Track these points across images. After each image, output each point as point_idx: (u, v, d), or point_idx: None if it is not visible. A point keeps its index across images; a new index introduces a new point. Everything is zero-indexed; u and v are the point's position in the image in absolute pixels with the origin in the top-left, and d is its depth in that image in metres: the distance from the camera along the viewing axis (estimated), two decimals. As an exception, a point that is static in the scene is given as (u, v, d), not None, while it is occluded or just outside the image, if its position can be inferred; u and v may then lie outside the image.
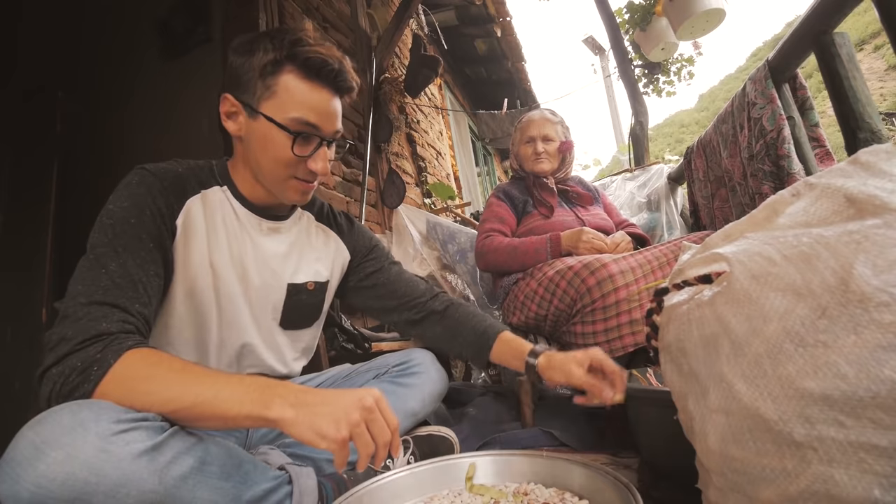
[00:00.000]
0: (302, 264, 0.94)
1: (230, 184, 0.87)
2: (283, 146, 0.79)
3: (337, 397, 0.61)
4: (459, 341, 1.03)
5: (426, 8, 3.75)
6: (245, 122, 0.81)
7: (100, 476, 0.51)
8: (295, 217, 0.96)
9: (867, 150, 0.41)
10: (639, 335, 1.16)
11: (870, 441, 0.32)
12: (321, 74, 0.79)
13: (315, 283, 0.95)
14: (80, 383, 0.58)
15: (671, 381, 0.54)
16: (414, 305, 1.05)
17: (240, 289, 0.85)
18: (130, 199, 0.73)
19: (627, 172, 3.02)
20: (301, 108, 0.78)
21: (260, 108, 0.78)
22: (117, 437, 0.53)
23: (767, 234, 0.44)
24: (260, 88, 0.78)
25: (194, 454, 0.60)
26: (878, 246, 0.34)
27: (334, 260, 1.01)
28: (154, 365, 0.61)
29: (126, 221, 0.71)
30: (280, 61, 0.77)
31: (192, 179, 0.82)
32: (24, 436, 0.52)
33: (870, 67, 12.68)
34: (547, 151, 1.64)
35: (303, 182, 0.84)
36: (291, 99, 0.78)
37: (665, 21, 3.37)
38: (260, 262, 0.88)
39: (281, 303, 0.91)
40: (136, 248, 0.70)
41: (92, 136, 2.28)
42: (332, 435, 0.57)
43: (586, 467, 0.75)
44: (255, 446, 0.89)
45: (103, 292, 0.65)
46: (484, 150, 6.11)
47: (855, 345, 0.33)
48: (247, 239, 0.87)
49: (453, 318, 1.05)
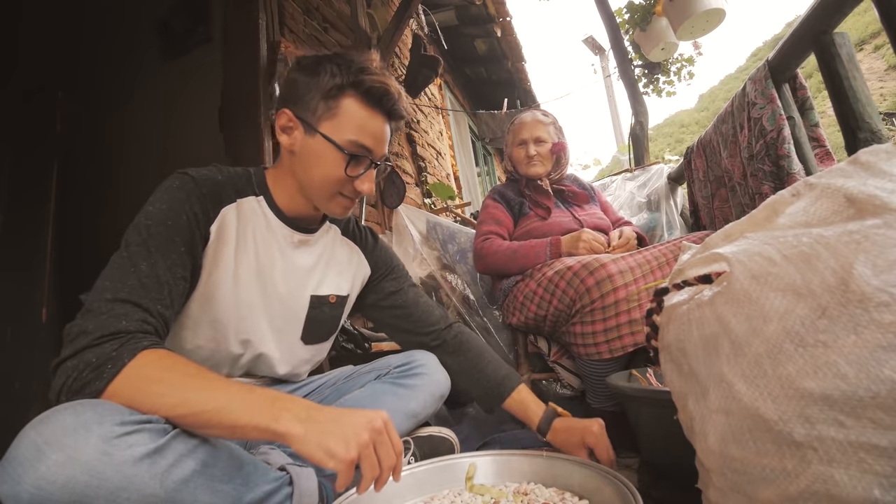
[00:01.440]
0: (326, 277, 0.96)
1: (266, 193, 0.89)
2: (336, 165, 0.82)
3: (346, 416, 0.62)
4: (472, 382, 1.05)
5: (426, 8, 3.75)
6: (301, 138, 0.84)
7: (101, 480, 0.51)
8: (323, 230, 0.98)
9: (867, 150, 0.41)
10: (638, 335, 1.16)
11: (870, 441, 0.32)
12: (381, 103, 0.84)
13: (337, 296, 0.97)
14: (93, 380, 0.59)
15: (671, 381, 0.54)
16: (428, 332, 1.08)
17: (261, 301, 0.86)
18: (169, 203, 0.75)
19: (627, 172, 3.02)
20: (359, 132, 0.82)
21: (319, 128, 0.82)
22: (120, 440, 0.53)
23: (767, 234, 0.44)
24: (322, 108, 0.82)
25: (196, 457, 0.60)
26: (878, 246, 0.34)
27: (355, 275, 1.03)
28: (167, 368, 0.62)
29: (163, 223, 0.73)
30: (344, 86, 0.81)
31: (229, 187, 0.84)
32: (26, 435, 0.52)
33: (870, 67, 12.68)
34: (539, 154, 1.64)
35: (347, 199, 0.87)
36: (351, 122, 0.82)
37: (665, 21, 3.37)
38: (287, 273, 0.90)
39: (304, 314, 0.93)
40: (167, 250, 0.72)
41: (92, 136, 2.28)
42: (341, 455, 0.57)
43: (586, 467, 0.75)
44: (256, 446, 0.88)
45: (129, 290, 0.66)
46: (484, 150, 6.11)
47: (855, 345, 0.33)
48: (276, 250, 0.88)
49: (467, 356, 1.07)
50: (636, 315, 1.16)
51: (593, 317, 1.20)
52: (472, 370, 1.05)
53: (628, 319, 1.16)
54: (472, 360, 1.06)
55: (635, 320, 1.16)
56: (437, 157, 3.92)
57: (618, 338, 1.17)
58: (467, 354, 1.07)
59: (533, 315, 1.39)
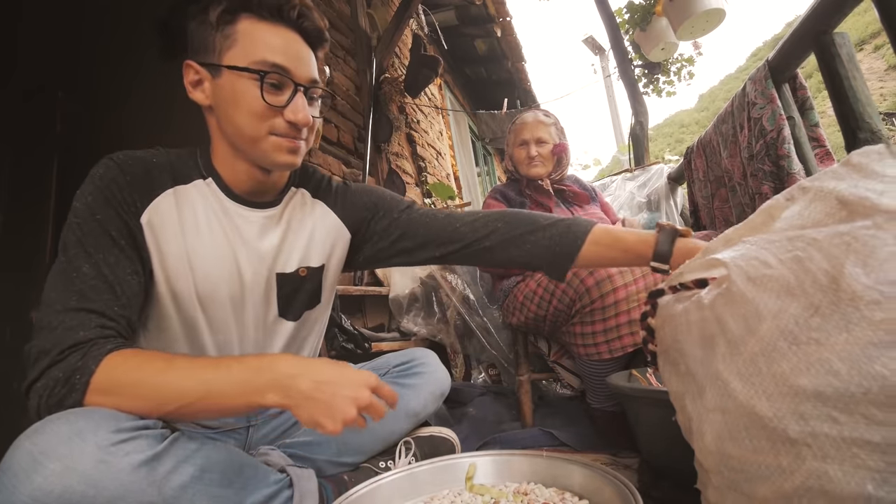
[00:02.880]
0: (294, 252, 0.85)
1: (214, 174, 0.80)
2: (253, 96, 0.70)
3: (333, 386, 0.60)
4: (530, 245, 0.88)
5: (426, 8, 3.75)
6: (211, 86, 0.73)
7: (98, 489, 0.50)
8: (287, 197, 0.87)
9: (859, 152, 0.41)
10: (638, 335, 1.16)
11: (862, 437, 0.33)
12: (282, 14, 0.73)
13: (308, 268, 0.87)
14: (67, 394, 0.57)
15: (669, 381, 0.54)
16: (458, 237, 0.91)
17: (226, 289, 0.78)
18: (93, 194, 0.69)
19: (627, 172, 3.02)
20: (265, 49, 0.71)
21: (222, 62, 0.71)
22: (116, 448, 0.53)
23: (764, 239, 0.44)
24: (219, 42, 0.71)
25: (194, 462, 0.59)
26: (867, 246, 0.35)
27: (333, 242, 0.91)
28: (137, 368, 0.59)
29: (92, 218, 0.67)
30: (233, 8, 0.71)
31: (164, 173, 0.76)
32: (20, 445, 0.51)
33: (870, 67, 12.67)
34: (541, 154, 1.64)
35: (285, 138, 0.74)
36: (253, 43, 0.71)
37: (665, 21, 3.37)
38: (251, 256, 0.80)
39: (274, 294, 0.84)
40: (107, 247, 0.67)
41: (92, 136, 2.28)
42: (329, 428, 0.58)
43: (586, 467, 0.75)
44: (256, 447, 0.88)
45: (78, 298, 0.62)
46: (484, 150, 6.12)
47: (847, 342, 0.34)
48: (235, 233, 0.79)
49: (516, 222, 0.90)
50: (636, 315, 1.17)
51: (593, 317, 1.21)
52: (525, 233, 0.88)
53: (628, 320, 1.17)
54: (525, 223, 0.89)
55: (635, 320, 1.16)
56: (437, 157, 3.92)
57: (617, 338, 1.17)
58: (516, 221, 0.90)
59: (533, 315, 1.39)
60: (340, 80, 2.63)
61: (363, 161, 2.58)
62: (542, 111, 1.75)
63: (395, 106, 3.16)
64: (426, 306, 2.10)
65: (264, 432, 0.91)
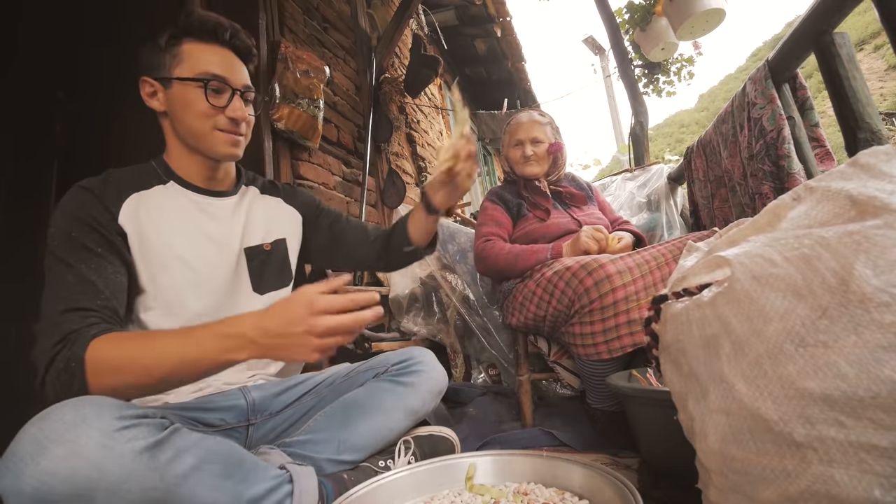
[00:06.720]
0: (255, 230, 0.99)
1: (174, 176, 0.93)
2: (198, 99, 0.87)
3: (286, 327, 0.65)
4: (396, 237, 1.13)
5: (426, 8, 3.75)
6: (164, 95, 0.89)
7: (102, 472, 0.52)
8: (241, 192, 1.02)
9: (867, 152, 0.41)
10: (637, 335, 1.15)
11: (870, 441, 0.32)
12: (217, 36, 0.89)
13: (270, 242, 1.01)
14: (70, 380, 0.64)
15: (671, 381, 0.54)
16: (374, 238, 1.15)
17: (205, 270, 0.89)
18: (64, 217, 0.78)
19: (627, 172, 3.02)
20: (206, 63, 0.88)
21: (172, 75, 0.87)
22: (119, 434, 0.55)
23: (769, 237, 0.44)
24: (168, 60, 0.87)
25: (195, 453, 0.61)
26: (878, 247, 0.34)
27: (289, 221, 1.08)
28: (117, 347, 0.66)
29: (67, 237, 0.76)
30: (176, 34, 0.87)
31: (125, 184, 0.87)
32: (27, 431, 0.53)
33: (870, 67, 12.68)
34: (536, 154, 1.63)
35: (228, 133, 0.90)
36: (196, 59, 0.87)
37: (665, 21, 3.37)
38: (222, 236, 0.93)
39: (245, 270, 0.96)
40: (86, 257, 0.75)
41: (92, 136, 2.28)
42: (307, 358, 0.65)
43: (586, 467, 0.75)
44: (256, 446, 0.89)
45: (65, 301, 0.70)
46: (484, 150, 6.12)
47: (855, 345, 0.33)
48: (204, 221, 0.92)
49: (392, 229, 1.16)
50: (635, 315, 1.16)
51: (592, 317, 1.20)
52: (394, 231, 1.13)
53: (627, 320, 1.16)
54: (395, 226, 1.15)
55: (634, 320, 1.16)
56: (437, 157, 3.92)
57: (617, 338, 1.17)
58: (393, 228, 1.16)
59: (532, 315, 1.39)
60: (340, 80, 2.63)
61: (363, 161, 2.57)
62: (536, 111, 1.74)
63: (395, 106, 3.16)
64: (426, 306, 2.10)
65: (264, 431, 0.92)
